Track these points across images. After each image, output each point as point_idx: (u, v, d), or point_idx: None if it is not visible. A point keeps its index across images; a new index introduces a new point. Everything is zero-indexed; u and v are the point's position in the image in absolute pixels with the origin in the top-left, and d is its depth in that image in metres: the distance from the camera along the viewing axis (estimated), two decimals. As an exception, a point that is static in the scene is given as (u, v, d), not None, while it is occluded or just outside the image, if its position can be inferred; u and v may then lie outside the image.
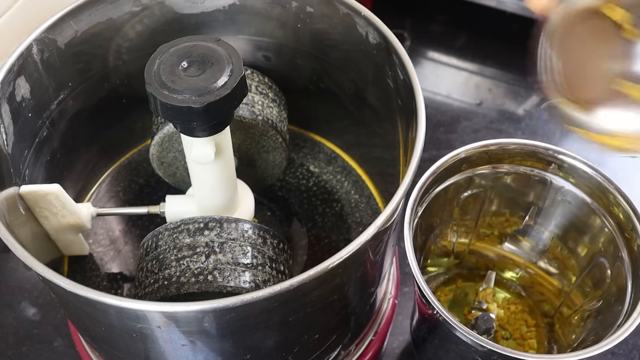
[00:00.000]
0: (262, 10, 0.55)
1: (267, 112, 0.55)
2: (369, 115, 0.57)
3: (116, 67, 0.56)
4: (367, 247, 0.40)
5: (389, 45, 0.48)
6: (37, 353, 0.66)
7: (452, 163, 0.54)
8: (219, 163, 0.48)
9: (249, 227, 0.47)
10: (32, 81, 0.49)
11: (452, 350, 0.52)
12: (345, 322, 0.49)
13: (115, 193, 0.63)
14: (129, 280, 0.58)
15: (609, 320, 0.50)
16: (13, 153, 0.47)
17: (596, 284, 0.55)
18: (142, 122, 0.62)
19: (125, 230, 0.60)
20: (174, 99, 0.41)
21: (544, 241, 0.60)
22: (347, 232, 0.60)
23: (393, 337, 0.67)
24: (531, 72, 0.49)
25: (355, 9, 0.50)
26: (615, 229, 0.53)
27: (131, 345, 0.43)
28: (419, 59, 0.92)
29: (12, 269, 0.71)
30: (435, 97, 0.87)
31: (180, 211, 0.54)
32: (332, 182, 0.63)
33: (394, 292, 0.61)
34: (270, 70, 0.59)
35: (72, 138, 0.56)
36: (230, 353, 0.42)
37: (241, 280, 0.45)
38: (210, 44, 0.44)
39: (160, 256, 0.46)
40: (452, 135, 0.83)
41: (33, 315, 0.68)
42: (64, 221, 0.51)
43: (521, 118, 0.85)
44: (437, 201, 0.55)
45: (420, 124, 0.43)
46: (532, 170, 0.56)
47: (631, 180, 0.80)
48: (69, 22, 0.50)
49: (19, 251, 0.38)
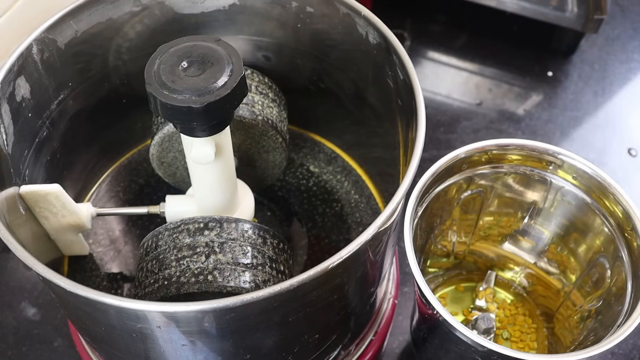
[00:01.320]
0: (262, 10, 0.55)
1: (267, 112, 0.55)
2: (369, 115, 0.57)
3: (116, 67, 0.56)
4: (367, 247, 0.40)
5: (389, 45, 0.48)
6: (37, 353, 0.66)
7: (452, 163, 0.54)
8: (219, 163, 0.48)
9: (249, 227, 0.47)
10: (32, 81, 0.49)
11: (452, 350, 0.52)
12: (345, 322, 0.49)
13: (115, 193, 0.63)
14: (129, 280, 0.58)
15: (609, 320, 0.50)
16: (13, 153, 0.47)
17: (596, 284, 0.55)
18: (142, 122, 0.62)
19: (125, 230, 0.60)
20: (174, 99, 0.41)
21: (544, 241, 0.60)
22: (347, 232, 0.60)
23: (393, 337, 0.67)
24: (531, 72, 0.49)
25: (355, 9, 0.50)
26: (615, 229, 0.53)
27: (131, 345, 0.43)
28: (419, 59, 0.92)
29: (12, 269, 0.71)
30: (435, 97, 0.88)
31: (180, 211, 0.54)
32: (332, 182, 0.63)
33: (394, 292, 0.61)
34: (270, 70, 0.59)
35: (72, 138, 0.56)
36: (230, 353, 0.42)
37: (241, 280, 0.45)
38: (210, 44, 0.44)
39: (160, 256, 0.46)
40: (452, 135, 0.83)
41: (33, 315, 0.68)
42: (64, 221, 0.51)
43: (521, 118, 0.85)
44: (437, 201, 0.55)
45: (420, 124, 0.43)
46: (532, 170, 0.56)
47: (631, 180, 0.80)
48: (69, 22, 0.50)
49: (19, 251, 0.38)
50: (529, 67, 0.90)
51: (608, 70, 0.90)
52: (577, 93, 0.88)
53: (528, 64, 0.91)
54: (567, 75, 0.90)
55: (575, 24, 0.85)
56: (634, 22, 0.96)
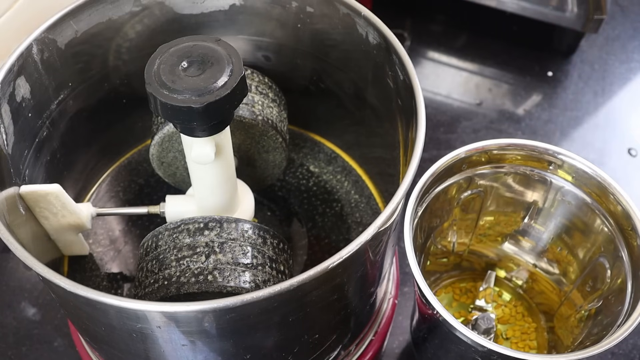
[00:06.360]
0: (262, 11, 0.55)
1: (267, 112, 0.55)
2: (369, 115, 0.57)
3: (116, 67, 0.56)
4: (367, 247, 0.40)
5: (389, 45, 0.48)
6: (37, 353, 0.66)
7: (452, 163, 0.54)
8: (219, 163, 0.48)
9: (249, 227, 0.47)
10: (32, 81, 0.49)
11: (452, 350, 0.52)
12: (345, 322, 0.49)
13: (115, 193, 0.63)
14: (129, 280, 0.58)
15: (609, 320, 0.50)
16: (13, 153, 0.47)
17: (596, 284, 0.55)
18: (142, 122, 0.62)
19: (125, 230, 0.60)
20: (174, 99, 0.41)
21: (544, 241, 0.60)
22: (347, 232, 0.60)
23: (393, 337, 0.67)
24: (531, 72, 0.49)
25: (355, 9, 0.50)
26: (615, 229, 0.53)
27: (131, 345, 0.43)
28: (419, 59, 0.92)
29: (12, 269, 0.71)
30: (435, 97, 0.88)
31: (180, 211, 0.54)
32: (332, 182, 0.63)
33: (394, 292, 0.61)
34: (270, 70, 0.59)
35: (72, 138, 0.56)
36: (230, 353, 0.42)
37: (241, 280, 0.45)
38: (210, 44, 0.44)
39: (160, 256, 0.46)
40: (452, 135, 0.83)
41: (33, 315, 0.68)
42: (64, 221, 0.51)
43: (521, 118, 0.85)
44: (437, 201, 0.55)
45: (420, 124, 0.43)
46: (532, 170, 0.56)
47: (631, 180, 0.80)
48: (69, 22, 0.50)
49: (19, 251, 0.38)
50: (529, 67, 0.91)
51: (608, 70, 0.91)
52: (577, 93, 0.88)
53: (528, 64, 0.91)
54: (567, 75, 0.90)
55: (575, 24, 0.85)
56: (634, 22, 0.96)
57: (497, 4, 0.88)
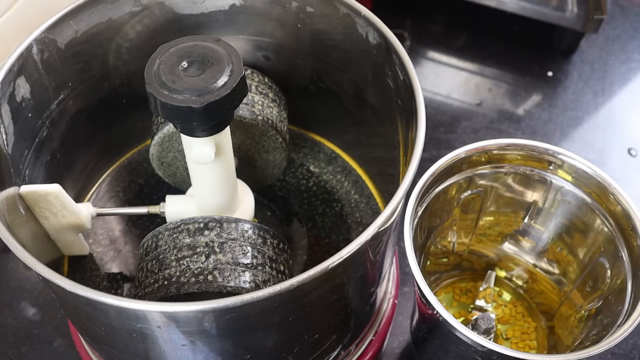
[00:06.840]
0: (262, 11, 0.55)
1: (267, 112, 0.55)
2: (369, 115, 0.57)
3: (116, 67, 0.56)
4: (367, 247, 0.40)
5: (389, 45, 0.48)
6: (37, 353, 0.66)
7: (452, 163, 0.54)
8: (219, 163, 0.48)
9: (249, 227, 0.47)
10: (32, 81, 0.49)
11: (452, 350, 0.52)
12: (345, 322, 0.49)
13: (115, 193, 0.63)
14: (129, 280, 0.58)
15: (609, 320, 0.50)
16: (13, 153, 0.47)
17: (596, 284, 0.55)
18: (142, 122, 0.62)
19: (125, 230, 0.60)
20: (174, 99, 0.41)
21: (544, 241, 0.60)
22: (347, 232, 0.60)
23: (393, 337, 0.67)
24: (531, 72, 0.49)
25: (355, 9, 0.50)
26: (615, 229, 0.53)
27: (131, 345, 0.43)
28: (419, 59, 0.92)
29: (12, 269, 0.71)
30: (435, 97, 0.88)
31: (180, 211, 0.54)
32: (332, 182, 0.63)
33: (394, 292, 0.61)
34: (270, 70, 0.59)
35: (72, 138, 0.56)
36: (230, 353, 0.42)
37: (241, 280, 0.45)
38: (210, 44, 0.44)
39: (160, 256, 0.46)
40: (452, 135, 0.83)
41: (33, 315, 0.68)
42: (64, 221, 0.51)
43: (521, 118, 0.85)
44: (437, 201, 0.55)
45: (420, 124, 0.43)
46: (532, 170, 0.56)
47: (631, 180, 0.80)
48: (69, 22, 0.50)
49: (19, 251, 0.38)
50: (529, 67, 0.91)
51: (608, 70, 0.91)
52: (577, 93, 0.88)
53: (528, 64, 0.91)
54: (567, 75, 0.90)
55: (575, 24, 0.85)
56: (634, 22, 0.96)
57: (497, 4, 0.88)
